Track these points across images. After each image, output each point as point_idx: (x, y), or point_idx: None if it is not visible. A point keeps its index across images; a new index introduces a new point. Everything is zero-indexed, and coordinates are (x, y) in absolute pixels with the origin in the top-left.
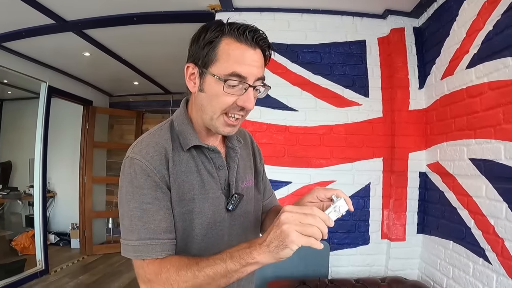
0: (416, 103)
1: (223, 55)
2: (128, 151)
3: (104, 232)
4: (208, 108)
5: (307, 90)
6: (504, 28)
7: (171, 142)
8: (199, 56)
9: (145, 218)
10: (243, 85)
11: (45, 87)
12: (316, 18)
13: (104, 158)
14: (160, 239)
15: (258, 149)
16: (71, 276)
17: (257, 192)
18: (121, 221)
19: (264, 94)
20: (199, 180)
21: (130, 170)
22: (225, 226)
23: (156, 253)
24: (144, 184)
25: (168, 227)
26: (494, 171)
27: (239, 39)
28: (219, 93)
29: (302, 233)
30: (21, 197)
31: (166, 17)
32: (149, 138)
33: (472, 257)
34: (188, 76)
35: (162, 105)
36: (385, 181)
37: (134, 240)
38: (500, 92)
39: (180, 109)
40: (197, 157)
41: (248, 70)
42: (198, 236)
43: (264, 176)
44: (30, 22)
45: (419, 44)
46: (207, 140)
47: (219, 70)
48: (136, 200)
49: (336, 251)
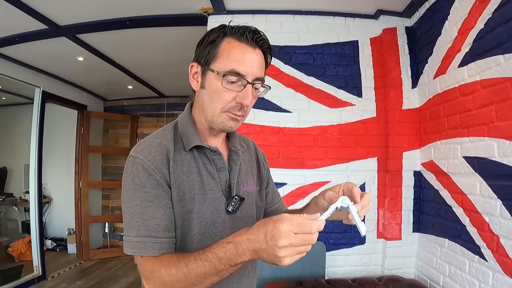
0: (409, 102)
1: (224, 53)
2: (131, 150)
3: (101, 237)
4: (209, 105)
5: (300, 91)
6: (495, 26)
7: (174, 142)
8: (202, 55)
9: (145, 215)
10: (241, 82)
11: (39, 92)
12: (308, 19)
13: (100, 163)
14: (158, 237)
15: (263, 156)
16: (68, 281)
17: (259, 199)
18: (123, 218)
19: (264, 94)
20: (199, 180)
21: (132, 168)
22: (226, 228)
23: (154, 250)
24: (146, 183)
25: (168, 226)
26: (487, 168)
27: (239, 39)
28: (218, 89)
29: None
30: (17, 203)
31: (159, 21)
32: (152, 139)
33: (468, 255)
34: (192, 75)
35: (157, 108)
36: (380, 181)
37: (133, 237)
38: (492, 90)
39: (185, 112)
40: (198, 157)
41: (247, 68)
42: (196, 236)
43: (270, 183)
44: (23, 28)
45: (411, 44)
46: (210, 141)
47: (219, 67)
48: (137, 197)
49: (332, 251)
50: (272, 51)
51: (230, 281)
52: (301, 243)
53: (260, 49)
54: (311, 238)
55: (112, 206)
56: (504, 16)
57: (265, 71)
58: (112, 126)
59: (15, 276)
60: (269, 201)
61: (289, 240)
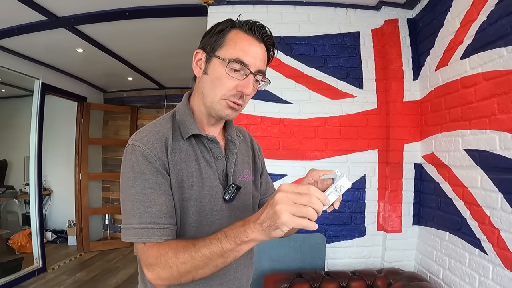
0: (410, 94)
1: (230, 42)
2: (130, 139)
3: (101, 229)
4: (210, 91)
5: (301, 82)
6: (498, 18)
7: (172, 131)
8: (208, 43)
9: (147, 202)
10: (244, 72)
11: (39, 84)
12: (309, 10)
13: (100, 155)
14: (161, 223)
15: (258, 148)
16: (68, 273)
17: (254, 189)
18: (123, 206)
19: (264, 87)
20: (197, 168)
21: (131, 156)
22: (223, 216)
23: (157, 237)
24: (146, 170)
25: (169, 212)
26: (489, 161)
27: (247, 32)
28: (221, 76)
29: (295, 215)
30: (17, 196)
31: (158, 11)
32: (150, 127)
33: (468, 248)
34: (196, 61)
35: (157, 100)
36: (381, 173)
37: (136, 224)
38: (494, 82)
39: (183, 101)
40: (196, 146)
41: (251, 59)
42: (194, 224)
43: (264, 173)
44: (22, 19)
45: (413, 35)
46: (207, 130)
47: (225, 54)
48: (138, 185)
49: (332, 243)
50: (275, 48)
51: (228, 270)
52: (298, 198)
53: (265, 44)
54: (309, 198)
55: (112, 198)
56: (507, 8)
57: (267, 66)
58: (112, 118)
59: (16, 268)
60: (263, 192)
61: (286, 194)
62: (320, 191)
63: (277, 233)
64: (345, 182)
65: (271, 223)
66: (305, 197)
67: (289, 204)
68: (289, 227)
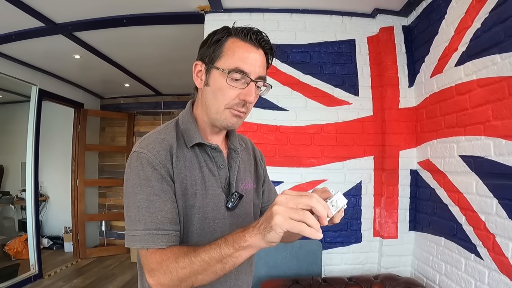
0: (406, 101)
1: (228, 51)
2: (134, 146)
3: (98, 235)
4: (213, 102)
5: (297, 89)
6: (492, 25)
7: (176, 139)
8: (206, 54)
9: (152, 209)
10: (245, 80)
11: (36, 90)
12: (305, 18)
13: (96, 161)
14: (166, 230)
15: (261, 155)
16: (65, 279)
17: (256, 197)
18: (127, 213)
19: (266, 93)
20: (200, 176)
21: (137, 163)
22: (225, 224)
23: (161, 243)
24: (151, 176)
25: (174, 219)
26: (484, 167)
27: (243, 39)
28: (223, 86)
29: (291, 217)
30: (13, 202)
31: (155, 18)
32: (155, 135)
33: (464, 253)
34: (196, 73)
35: (154, 106)
36: (376, 179)
37: (141, 230)
38: (488, 89)
39: (186, 109)
40: (199, 154)
41: (250, 67)
42: (196, 231)
43: (267, 181)
44: (20, 25)
45: (408, 43)
46: (210, 139)
47: (224, 64)
48: (143, 191)
49: (328, 250)
50: (274, 52)
51: (228, 277)
52: (297, 200)
53: (263, 49)
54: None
55: (108, 204)
56: (501, 16)
57: (267, 71)
58: (109, 124)
59: (12, 274)
60: (266, 199)
61: (286, 197)
62: (322, 200)
63: (271, 235)
64: (341, 198)
65: (267, 224)
66: (305, 199)
67: (286, 206)
68: (283, 229)
